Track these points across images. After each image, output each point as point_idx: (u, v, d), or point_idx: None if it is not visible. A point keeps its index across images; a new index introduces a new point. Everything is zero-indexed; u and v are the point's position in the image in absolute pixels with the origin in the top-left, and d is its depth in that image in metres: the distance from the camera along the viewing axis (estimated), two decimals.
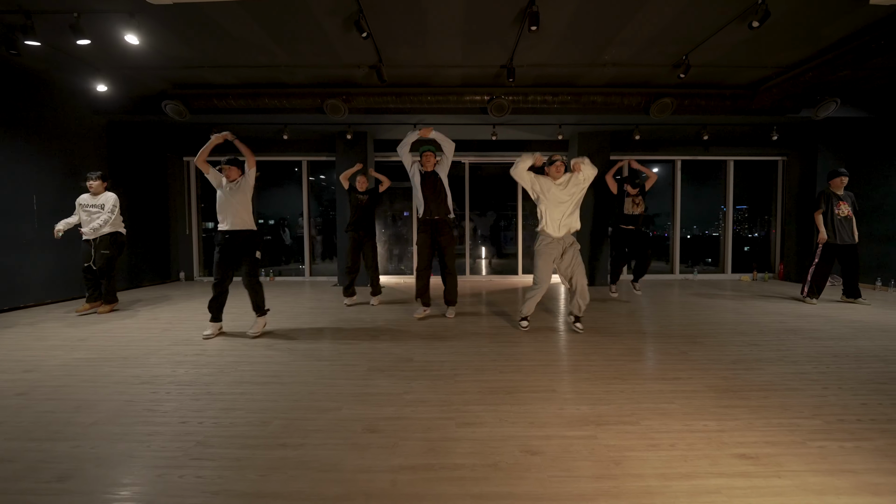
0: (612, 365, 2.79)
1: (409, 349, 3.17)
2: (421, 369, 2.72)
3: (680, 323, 4.02)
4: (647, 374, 2.62)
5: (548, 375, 2.59)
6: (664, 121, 5.90)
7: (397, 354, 3.04)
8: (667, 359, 2.92)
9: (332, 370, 2.72)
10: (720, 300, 5.28)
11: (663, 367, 2.75)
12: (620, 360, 2.90)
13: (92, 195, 4.63)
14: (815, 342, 3.33)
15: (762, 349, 3.15)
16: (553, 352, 3.12)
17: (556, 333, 3.66)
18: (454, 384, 2.45)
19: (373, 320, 4.18)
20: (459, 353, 3.09)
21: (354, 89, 5.31)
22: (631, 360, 2.90)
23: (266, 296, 3.84)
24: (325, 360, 2.91)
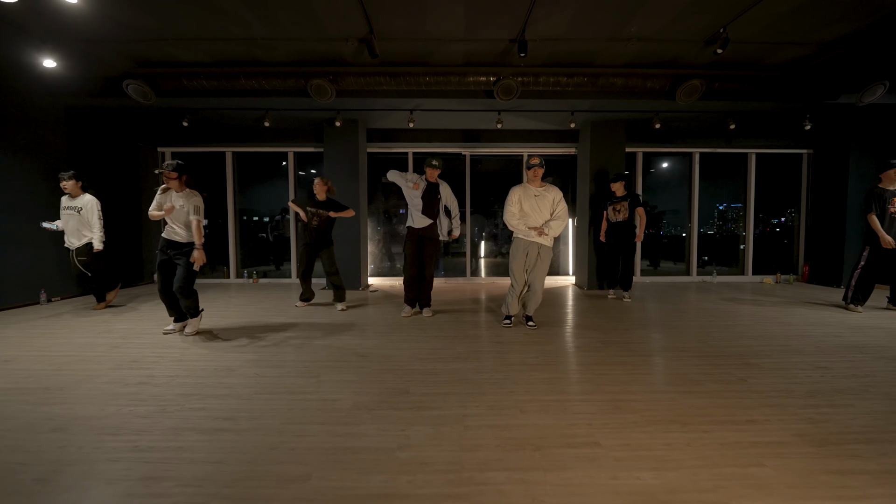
0: (659, 400, 2.21)
1: (404, 376, 2.58)
2: (419, 406, 2.13)
3: (720, 337, 3.46)
4: (712, 414, 2.04)
5: (583, 418, 2.01)
6: (688, 107, 5.32)
7: (389, 385, 2.44)
8: (725, 390, 2.34)
9: (305, 407, 2.12)
10: (753, 307, 4.72)
11: (726, 402, 2.18)
12: (668, 391, 2.32)
13: (69, 197, 4.46)
14: (893, 363, 2.77)
15: (834, 375, 2.59)
16: (580, 379, 2.53)
17: (576, 351, 3.08)
18: (463, 432, 1.86)
19: (361, 330, 3.58)
20: (465, 380, 2.50)
21: (343, 68, 4.68)
22: (681, 391, 2.33)
23: (248, 299, 3.29)
24: (297, 393, 2.31)
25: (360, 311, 4.59)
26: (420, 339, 3.41)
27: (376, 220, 7.19)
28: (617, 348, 3.15)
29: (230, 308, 4.72)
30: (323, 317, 4.27)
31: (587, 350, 3.11)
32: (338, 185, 6.05)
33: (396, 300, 5.25)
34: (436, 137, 6.67)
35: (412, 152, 6.92)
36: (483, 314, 4.41)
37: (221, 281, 7.02)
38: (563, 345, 3.26)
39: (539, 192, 3.65)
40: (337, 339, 3.42)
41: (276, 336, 3.50)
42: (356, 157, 6.04)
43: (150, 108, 5.47)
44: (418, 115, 5.71)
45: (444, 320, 4.10)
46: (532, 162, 3.60)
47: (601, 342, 3.31)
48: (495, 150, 6.91)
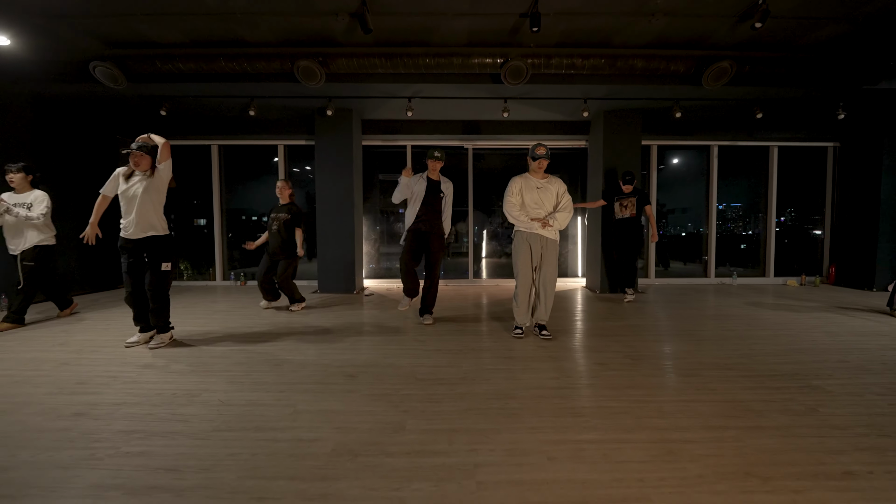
0: (721, 440, 1.75)
1: (399, 404, 2.12)
2: (417, 450, 1.68)
3: (765, 351, 3.00)
4: (794, 462, 1.58)
5: (630, 469, 1.55)
6: (713, 94, 4.86)
7: (381, 417, 1.98)
8: (797, 425, 1.89)
9: (272, 451, 1.66)
10: (788, 314, 4.27)
11: (805, 443, 1.72)
12: (728, 427, 1.86)
13: (16, 192, 3.81)
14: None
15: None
16: (615, 408, 2.08)
17: (601, 369, 2.62)
18: (476, 492, 1.41)
19: (353, 342, 3.12)
20: (475, 410, 2.05)
21: (333, 48, 4.23)
22: (744, 426, 1.87)
23: (233, 304, 2.88)
24: (266, 430, 1.85)
25: (353, 317, 4.14)
26: (419, 354, 2.95)
27: (372, 218, 6.73)
28: (649, 365, 2.69)
29: (210, 314, 4.27)
30: (312, 323, 3.82)
31: (614, 367, 2.66)
32: (330, 180, 5.61)
33: (393, 305, 4.79)
34: (436, 129, 6.21)
35: (411, 145, 6.46)
36: (489, 322, 3.95)
37: (207, 283, 6.56)
38: (585, 361, 2.80)
39: (542, 185, 3.33)
40: (323, 353, 2.96)
41: (254, 350, 3.04)
42: (350, 150, 5.58)
43: (124, 97, 5.01)
44: (417, 105, 5.25)
45: (447, 329, 3.65)
46: (539, 152, 3.26)
47: (629, 357, 2.86)
48: (499, 143, 6.45)
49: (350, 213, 5.64)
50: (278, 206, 4.36)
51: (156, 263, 3.04)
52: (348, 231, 5.66)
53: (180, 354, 2.94)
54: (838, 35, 4.11)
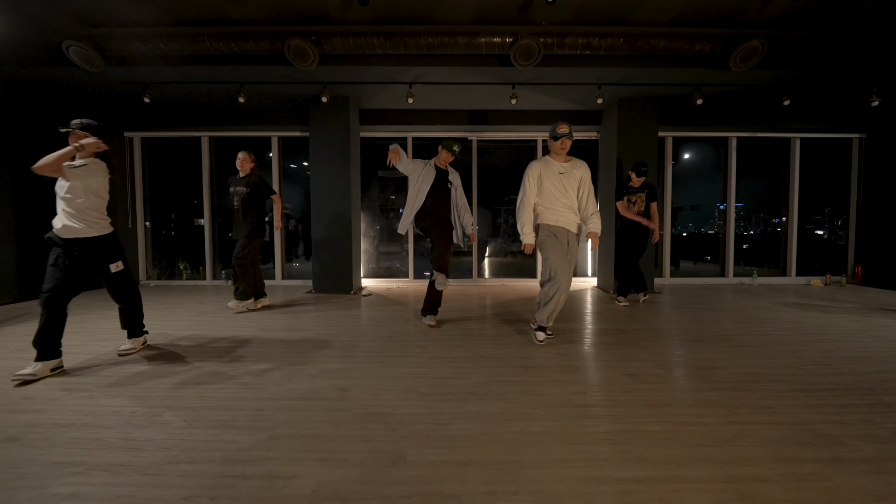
0: (803, 478, 1.39)
1: (398, 428, 1.77)
2: (422, 493, 1.32)
3: (814, 360, 2.64)
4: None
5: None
6: (738, 78, 4.50)
7: (376, 445, 1.63)
8: (886, 456, 1.53)
9: (237, 496, 1.31)
10: (824, 315, 3.91)
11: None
12: (803, 458, 1.51)
13: None
14: None
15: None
16: (659, 434, 1.72)
17: (633, 382, 2.26)
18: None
19: (346, 349, 2.77)
20: (489, 435, 1.69)
21: (327, 27, 3.88)
22: (823, 457, 1.51)
23: (219, 304, 2.55)
24: (234, 463, 1.50)
25: (348, 320, 3.79)
26: (421, 363, 2.60)
27: (371, 214, 6.38)
28: (685, 377, 2.34)
29: (194, 316, 3.92)
30: (302, 327, 3.47)
31: (647, 379, 2.30)
32: (325, 173, 5.25)
33: (393, 306, 4.44)
34: (438, 119, 5.85)
35: (411, 137, 6.11)
36: (497, 324, 3.60)
37: (197, 283, 6.22)
38: (611, 372, 2.44)
39: (565, 169, 2.93)
40: (311, 362, 2.61)
41: (234, 357, 2.69)
42: (346, 140, 5.23)
43: (106, 83, 4.67)
44: (418, 93, 4.91)
45: (451, 333, 3.30)
46: (561, 130, 2.85)
47: (660, 366, 2.51)
48: (506, 134, 6.09)
49: (347, 209, 5.29)
50: (237, 179, 3.96)
51: (104, 264, 2.72)
52: (345, 228, 5.31)
53: (149, 363, 2.59)
54: (879, 9, 3.75)
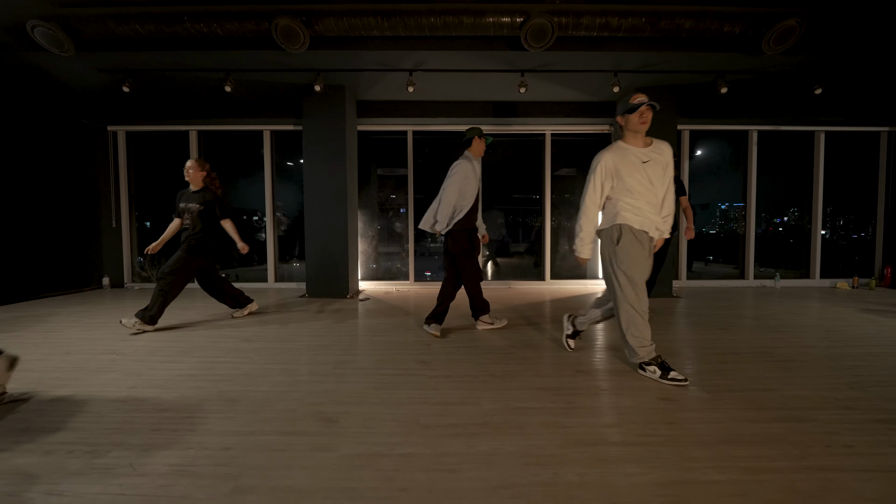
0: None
1: (394, 478, 1.41)
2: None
3: (875, 379, 2.28)
4: None
5: None
6: (767, 64, 4.14)
7: (367, 502, 1.28)
8: None
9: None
10: (870, 321, 3.55)
11: None
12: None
13: None
14: None
15: None
16: (717, 477, 1.36)
17: (676, 411, 1.90)
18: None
19: (336, 364, 2.41)
20: (509, 484, 1.34)
21: (319, 5, 3.52)
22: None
23: (202, 311, 2.19)
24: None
25: (342, 329, 3.43)
26: (423, 383, 2.24)
27: (369, 213, 6.02)
28: (733, 401, 1.98)
29: (170, 319, 3.57)
30: (289, 338, 3.11)
31: (689, 406, 1.94)
32: (320, 169, 4.90)
33: (391, 312, 4.09)
34: (441, 112, 5.51)
35: (412, 130, 5.76)
36: (506, 334, 3.24)
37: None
38: (646, 396, 2.08)
39: (648, 157, 2.21)
40: (294, 382, 2.25)
41: (206, 376, 2.33)
42: (342, 133, 4.87)
43: (82, 71, 4.33)
44: (420, 81, 4.56)
45: (456, 345, 2.94)
46: (637, 100, 2.17)
47: (701, 388, 2.14)
48: (513, 127, 5.73)
49: (343, 208, 4.94)
50: (188, 194, 3.43)
51: None
52: (341, 228, 4.96)
53: (102, 386, 2.24)
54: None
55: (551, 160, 5.81)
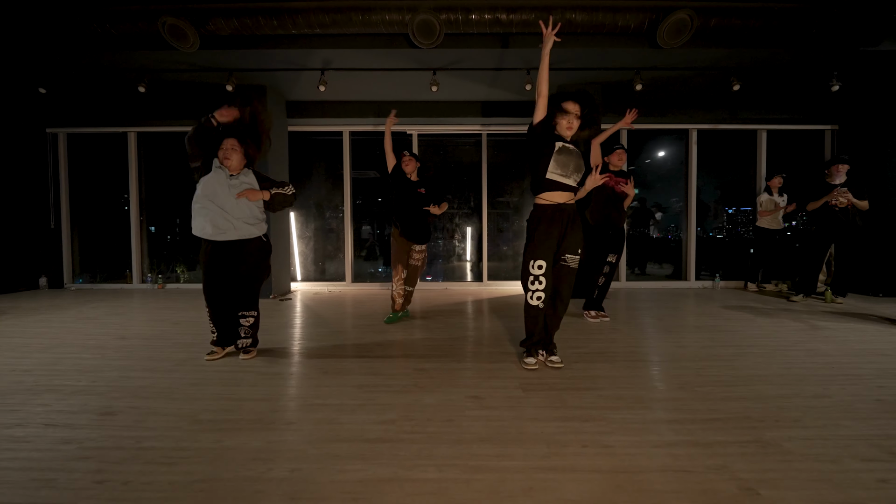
0: None
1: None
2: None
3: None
4: None
5: None
6: (677, 61, 4.09)
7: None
8: None
9: None
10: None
11: None
12: None
13: None
14: None
15: None
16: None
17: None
18: None
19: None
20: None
21: (206, 4, 3.52)
22: None
23: None
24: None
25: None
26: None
27: (307, 214, 6.00)
28: (544, 403, 1.90)
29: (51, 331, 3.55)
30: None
31: (490, 406, 1.87)
32: None
33: (310, 315, 4.04)
34: (376, 112, 5.47)
35: (348, 131, 5.74)
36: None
37: (123, 286, 5.89)
38: (457, 394, 2.01)
39: None
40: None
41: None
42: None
43: (9, 75, 4.38)
44: (347, 83, 4.62)
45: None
46: None
47: (524, 389, 2.06)
48: (448, 127, 5.69)
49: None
50: None
51: None
52: (272, 228, 4.93)
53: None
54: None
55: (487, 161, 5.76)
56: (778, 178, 5.15)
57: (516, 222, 6.06)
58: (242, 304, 2.49)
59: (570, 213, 2.29)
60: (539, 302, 2.26)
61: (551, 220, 2.25)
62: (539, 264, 2.23)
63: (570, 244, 2.28)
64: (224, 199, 2.36)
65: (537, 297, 2.25)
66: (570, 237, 2.28)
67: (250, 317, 2.53)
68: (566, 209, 2.27)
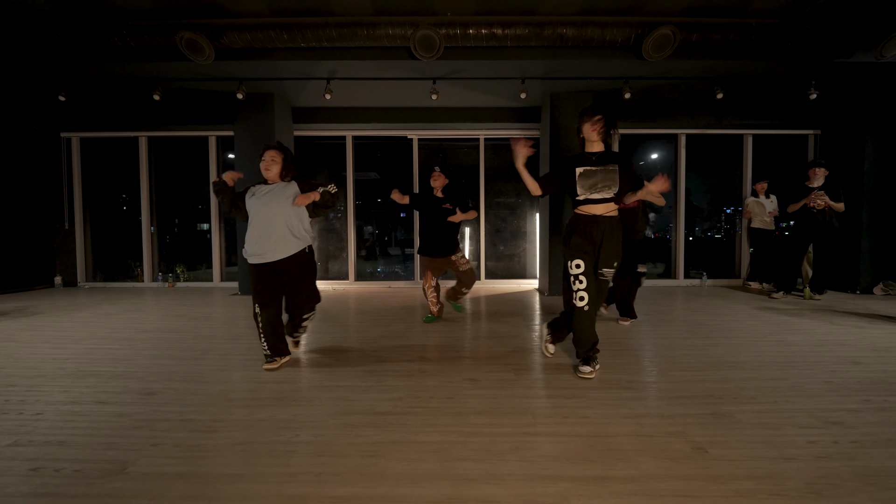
0: None
1: None
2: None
3: None
4: None
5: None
6: (664, 71, 4.34)
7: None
8: None
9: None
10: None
11: None
12: None
13: None
14: None
15: None
16: None
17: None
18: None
19: None
20: None
21: (222, 19, 3.77)
22: None
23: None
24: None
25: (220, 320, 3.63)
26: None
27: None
28: (532, 384, 2.14)
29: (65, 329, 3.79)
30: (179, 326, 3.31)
31: (485, 387, 2.11)
32: (251, 173, 5.13)
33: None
34: (376, 117, 5.72)
35: (351, 135, 5.99)
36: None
37: (135, 285, 6.12)
38: (455, 376, 2.26)
39: None
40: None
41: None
42: (271, 139, 5.10)
43: (20, 80, 4.61)
44: (350, 90, 4.85)
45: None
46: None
47: (515, 371, 2.31)
48: (446, 132, 5.94)
49: None
50: None
51: None
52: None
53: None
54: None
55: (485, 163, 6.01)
56: (762, 183, 5.41)
57: (513, 223, 6.31)
58: (306, 306, 2.55)
59: (608, 224, 2.27)
60: (584, 303, 2.23)
61: (585, 231, 2.27)
62: (577, 263, 2.25)
63: (606, 258, 2.27)
64: (266, 214, 2.35)
65: (581, 299, 2.24)
66: (606, 249, 2.26)
67: (309, 319, 2.62)
68: (602, 220, 2.26)
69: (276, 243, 2.32)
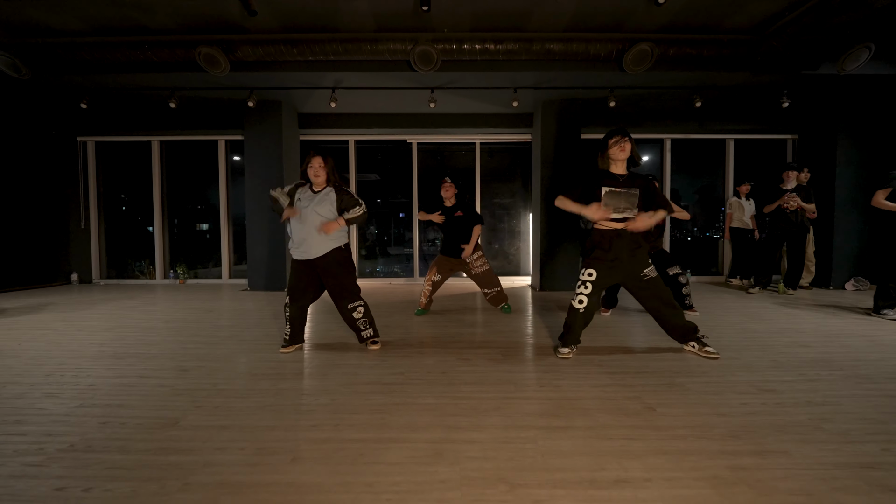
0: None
1: None
2: None
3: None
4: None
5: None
6: (646, 82, 4.67)
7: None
8: None
9: None
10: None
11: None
12: None
13: None
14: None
15: None
16: None
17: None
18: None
19: None
20: None
21: (236, 35, 4.08)
22: None
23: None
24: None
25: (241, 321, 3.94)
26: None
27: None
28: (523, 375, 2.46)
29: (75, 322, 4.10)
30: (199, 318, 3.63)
31: (478, 365, 2.43)
32: (259, 176, 5.47)
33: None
34: (378, 123, 6.04)
35: (353, 140, 6.31)
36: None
37: (147, 281, 6.43)
38: (451, 356, 2.58)
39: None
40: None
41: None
42: (278, 143, 5.43)
43: (44, 90, 4.92)
44: (353, 98, 5.16)
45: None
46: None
47: (502, 354, 2.63)
48: (444, 136, 6.26)
49: (280, 210, 5.47)
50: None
51: None
52: (279, 228, 5.50)
53: None
54: (768, 15, 3.88)
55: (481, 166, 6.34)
56: (745, 186, 5.74)
57: (508, 222, 6.64)
58: (348, 298, 2.71)
59: (631, 237, 2.43)
60: (581, 306, 2.44)
61: (609, 246, 2.43)
62: (590, 272, 2.44)
63: (637, 267, 2.46)
64: (308, 216, 2.62)
65: (580, 301, 2.45)
66: (634, 263, 2.44)
67: (359, 306, 2.74)
68: (625, 234, 2.42)
69: (314, 242, 2.60)
